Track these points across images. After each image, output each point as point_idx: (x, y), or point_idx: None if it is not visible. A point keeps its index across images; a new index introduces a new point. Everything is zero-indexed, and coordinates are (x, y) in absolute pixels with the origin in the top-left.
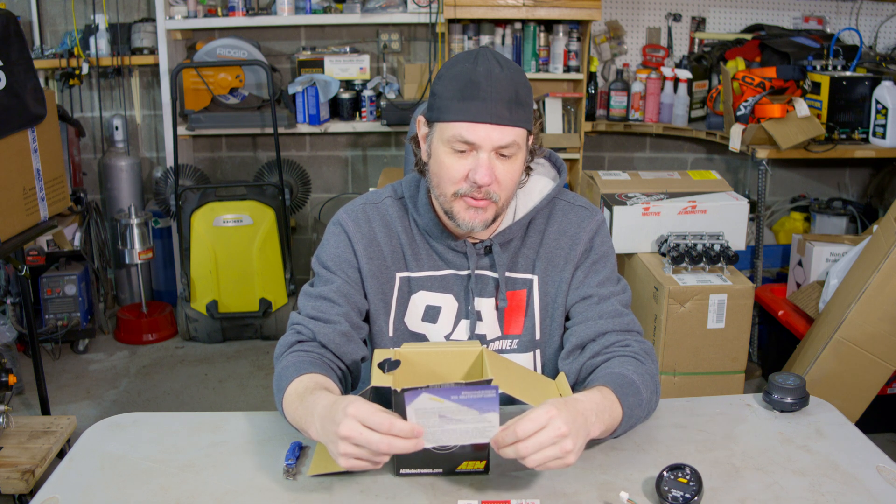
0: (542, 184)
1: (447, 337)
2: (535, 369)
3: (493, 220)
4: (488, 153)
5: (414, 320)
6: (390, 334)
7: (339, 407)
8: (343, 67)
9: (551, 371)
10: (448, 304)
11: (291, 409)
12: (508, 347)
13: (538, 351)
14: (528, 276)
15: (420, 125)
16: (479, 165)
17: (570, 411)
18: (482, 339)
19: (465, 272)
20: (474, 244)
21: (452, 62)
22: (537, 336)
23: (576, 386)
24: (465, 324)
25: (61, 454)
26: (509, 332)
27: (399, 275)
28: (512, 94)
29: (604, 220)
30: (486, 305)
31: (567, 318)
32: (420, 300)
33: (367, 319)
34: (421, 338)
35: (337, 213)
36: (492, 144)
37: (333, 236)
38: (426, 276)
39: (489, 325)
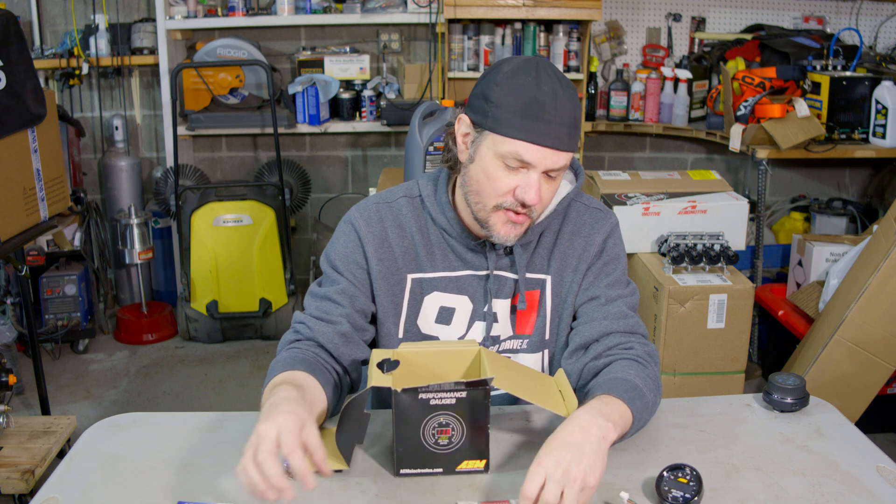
0: (560, 187)
1: (461, 338)
2: (543, 369)
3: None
4: (539, 173)
5: (427, 322)
6: (400, 336)
7: (280, 406)
8: (343, 67)
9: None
10: (462, 305)
11: (263, 401)
12: (518, 347)
13: (546, 351)
14: (542, 276)
15: (461, 124)
16: (530, 186)
17: (555, 446)
18: (496, 339)
19: (484, 272)
20: (494, 245)
21: (511, 72)
22: (546, 336)
23: (577, 388)
24: (479, 325)
25: (61, 454)
26: (521, 333)
27: (410, 276)
28: (572, 119)
29: (617, 223)
30: (501, 306)
31: (574, 318)
32: (434, 301)
33: (374, 322)
34: (433, 340)
35: (349, 212)
36: (546, 167)
37: (344, 235)
38: (440, 276)
39: (503, 325)
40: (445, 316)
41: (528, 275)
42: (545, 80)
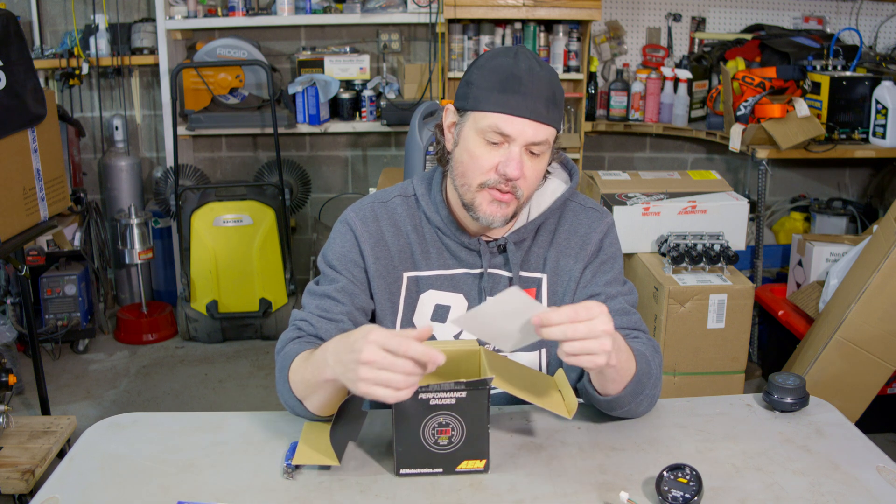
0: (553, 185)
1: (456, 337)
2: (541, 368)
3: (512, 217)
4: (520, 148)
5: (423, 320)
6: None
7: (356, 337)
8: (343, 67)
9: (556, 370)
10: (457, 303)
11: (300, 373)
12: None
13: (544, 350)
14: (538, 275)
15: (448, 113)
16: (511, 159)
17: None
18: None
19: (478, 270)
20: (488, 242)
21: (490, 55)
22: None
23: (580, 382)
24: None
25: (61, 454)
26: None
27: (406, 274)
28: (550, 94)
29: (613, 223)
30: None
31: None
32: (429, 299)
33: (373, 320)
34: (429, 338)
35: (345, 212)
36: (526, 140)
37: (340, 235)
38: (436, 275)
39: None
40: (441, 314)
41: (525, 273)
42: (522, 59)
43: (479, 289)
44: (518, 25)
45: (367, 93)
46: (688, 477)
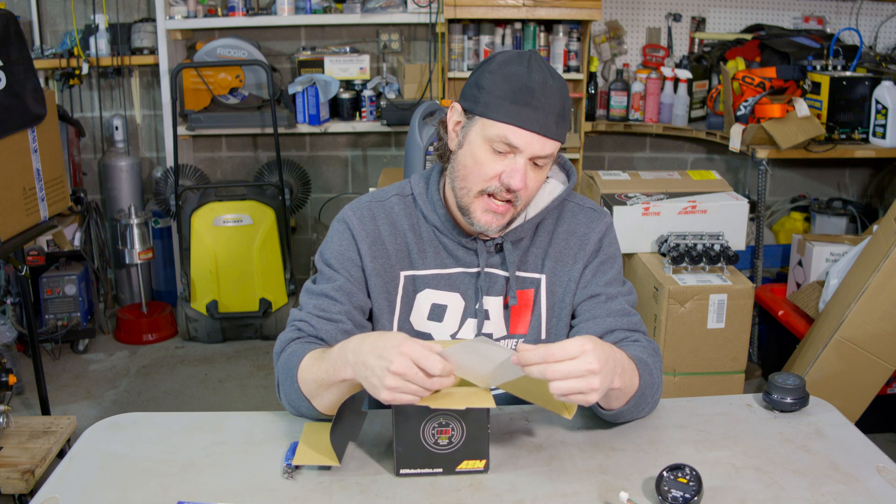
0: (551, 185)
1: (453, 336)
2: None
3: (507, 225)
4: (525, 160)
5: (419, 319)
6: None
7: (387, 344)
8: (343, 67)
9: None
10: (454, 302)
11: (311, 372)
12: (514, 347)
13: None
14: (537, 275)
15: (454, 112)
16: (516, 170)
17: (605, 351)
18: (488, 338)
19: (475, 269)
20: (485, 241)
21: (503, 60)
22: (543, 335)
23: None
24: (471, 322)
25: (61, 454)
26: (515, 332)
27: (403, 273)
28: (560, 109)
29: (612, 223)
30: (493, 304)
31: (573, 317)
32: (425, 299)
33: (370, 318)
34: (426, 337)
35: (342, 211)
36: (532, 153)
37: (338, 234)
38: (432, 274)
39: (496, 324)
40: (437, 313)
41: (523, 274)
42: (536, 70)
43: (476, 288)
44: (518, 25)
45: (367, 93)
46: (688, 477)
